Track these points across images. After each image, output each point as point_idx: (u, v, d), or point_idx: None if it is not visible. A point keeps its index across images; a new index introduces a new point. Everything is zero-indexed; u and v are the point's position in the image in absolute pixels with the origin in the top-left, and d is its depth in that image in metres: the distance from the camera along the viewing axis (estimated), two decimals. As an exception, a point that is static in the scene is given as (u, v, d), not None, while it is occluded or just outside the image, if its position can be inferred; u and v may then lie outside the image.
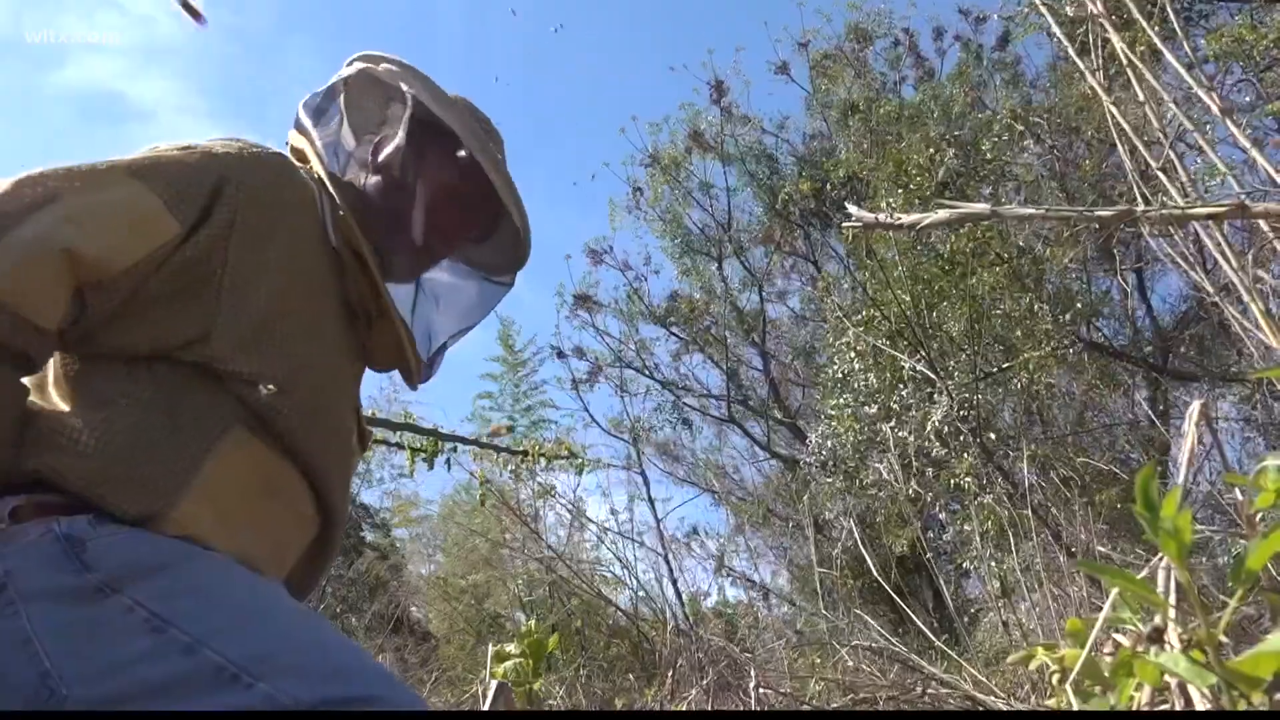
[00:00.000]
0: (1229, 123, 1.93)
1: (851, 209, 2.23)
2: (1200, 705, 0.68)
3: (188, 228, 1.01)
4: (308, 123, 1.28)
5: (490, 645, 4.01)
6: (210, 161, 1.06)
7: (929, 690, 3.38)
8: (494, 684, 2.89)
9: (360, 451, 1.34)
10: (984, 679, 3.32)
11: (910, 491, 6.72)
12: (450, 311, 1.43)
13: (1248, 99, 6.61)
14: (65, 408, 1.01)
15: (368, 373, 1.33)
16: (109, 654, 0.87)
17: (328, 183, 1.20)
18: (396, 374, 1.36)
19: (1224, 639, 0.67)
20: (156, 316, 1.01)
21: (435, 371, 1.42)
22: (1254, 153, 1.77)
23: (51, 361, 1.04)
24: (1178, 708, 0.74)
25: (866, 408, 7.64)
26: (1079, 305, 7.85)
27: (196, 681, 0.86)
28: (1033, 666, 0.93)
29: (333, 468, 1.16)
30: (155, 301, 1.01)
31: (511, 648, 3.89)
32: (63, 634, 0.88)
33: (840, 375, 8.12)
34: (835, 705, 3.55)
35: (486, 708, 2.77)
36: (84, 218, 0.96)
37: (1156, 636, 0.62)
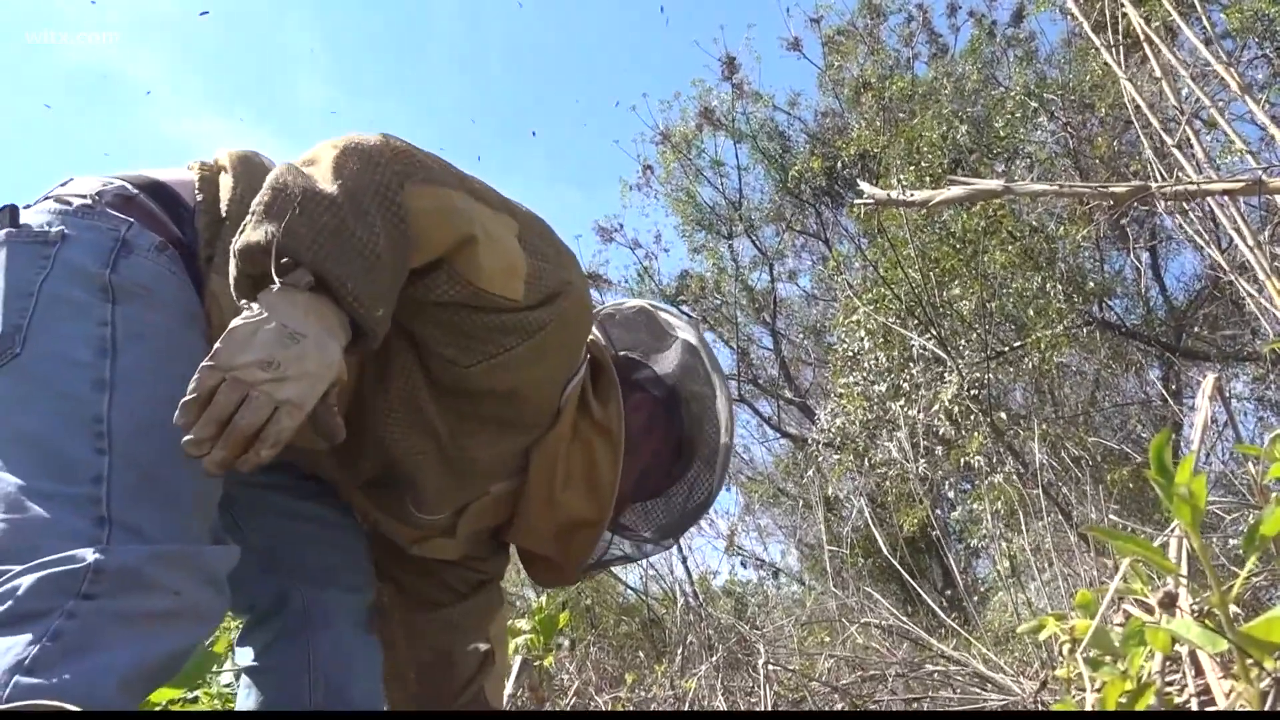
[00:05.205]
0: (1248, 99, 1.92)
1: (864, 186, 2.22)
2: (1211, 673, 0.68)
3: (524, 305, 1.17)
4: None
5: (502, 621, 4.03)
6: (568, 264, 1.24)
7: (938, 668, 3.40)
8: (518, 660, 2.91)
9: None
10: (993, 657, 3.33)
11: (920, 470, 6.72)
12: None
13: (1261, 75, 6.52)
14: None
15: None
16: (65, 346, 0.98)
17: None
18: None
19: (1236, 609, 0.67)
20: (441, 316, 1.14)
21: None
22: (1272, 129, 1.76)
23: None
24: (1189, 676, 0.75)
25: (876, 386, 7.62)
26: (1091, 284, 7.80)
27: (75, 415, 0.96)
28: (1043, 636, 0.94)
29: None
30: (450, 308, 1.13)
31: (522, 624, 3.91)
32: (53, 304, 1.00)
33: (850, 354, 8.10)
34: (844, 682, 3.57)
35: (511, 684, 2.79)
36: (489, 238, 1.13)
37: (1168, 603, 0.62)
